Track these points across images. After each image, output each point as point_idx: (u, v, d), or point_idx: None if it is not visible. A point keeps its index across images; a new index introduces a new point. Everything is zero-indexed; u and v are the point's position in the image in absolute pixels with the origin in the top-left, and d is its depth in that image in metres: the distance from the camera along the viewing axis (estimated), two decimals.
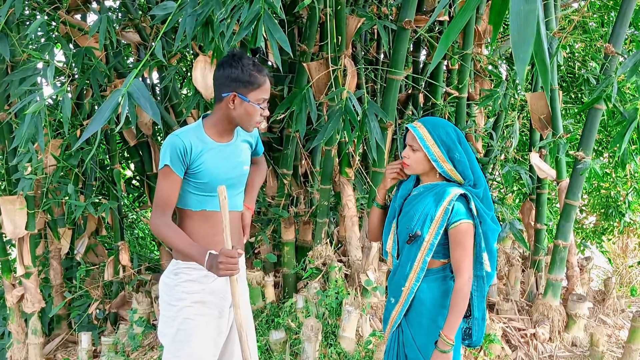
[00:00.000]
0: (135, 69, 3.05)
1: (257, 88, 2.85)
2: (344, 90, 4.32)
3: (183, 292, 2.93)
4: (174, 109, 5.83)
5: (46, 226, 5.95)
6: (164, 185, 2.83)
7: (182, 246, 2.79)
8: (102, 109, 2.94)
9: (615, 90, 4.64)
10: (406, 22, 4.75)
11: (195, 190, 2.89)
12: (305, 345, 4.54)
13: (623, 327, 5.85)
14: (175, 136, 2.84)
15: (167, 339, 2.97)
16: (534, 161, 5.63)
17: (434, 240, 2.79)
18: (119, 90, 2.94)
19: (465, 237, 2.75)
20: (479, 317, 2.93)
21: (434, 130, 2.83)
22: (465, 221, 2.75)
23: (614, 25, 5.01)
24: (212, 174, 2.87)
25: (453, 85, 6.31)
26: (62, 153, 5.42)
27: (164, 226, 2.82)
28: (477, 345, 3.05)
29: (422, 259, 2.81)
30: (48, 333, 6.09)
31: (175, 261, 2.98)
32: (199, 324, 2.92)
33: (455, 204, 2.76)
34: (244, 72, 2.82)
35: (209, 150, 2.89)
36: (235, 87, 2.84)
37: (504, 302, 5.58)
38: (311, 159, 6.04)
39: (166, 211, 2.85)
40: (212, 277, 2.96)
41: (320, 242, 5.33)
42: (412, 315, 2.91)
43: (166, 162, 2.79)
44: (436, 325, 2.85)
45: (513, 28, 1.36)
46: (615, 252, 10.45)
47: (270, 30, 3.15)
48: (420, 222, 2.81)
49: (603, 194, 8.60)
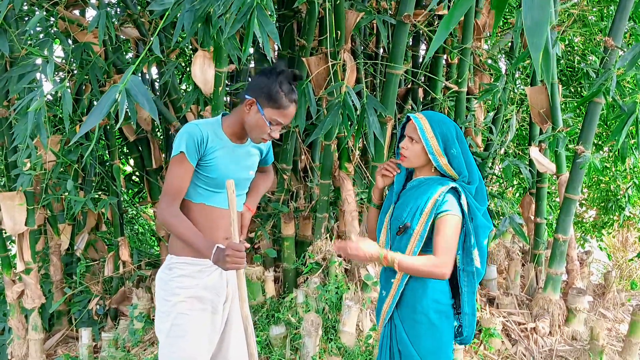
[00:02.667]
0: (133, 65, 3.04)
1: (277, 108, 2.84)
2: (343, 85, 4.32)
3: (177, 287, 2.93)
4: (173, 105, 5.82)
5: (46, 222, 5.95)
6: (177, 172, 2.84)
7: (189, 237, 2.79)
8: (99, 104, 2.94)
9: (614, 83, 4.63)
10: (405, 17, 4.74)
11: (199, 182, 2.90)
12: (305, 340, 4.54)
13: (623, 321, 5.86)
14: (194, 125, 2.86)
15: (162, 335, 2.97)
16: (533, 155, 5.62)
17: (423, 232, 2.79)
18: (116, 86, 2.93)
19: (446, 226, 2.75)
20: (469, 312, 2.94)
21: (435, 123, 2.85)
22: (452, 213, 2.75)
23: (614, 19, 5.01)
24: (221, 170, 2.88)
25: (452, 80, 6.30)
26: (62, 149, 5.41)
27: (172, 216, 2.82)
28: (469, 342, 3.06)
29: (411, 250, 2.81)
30: (48, 329, 6.10)
31: (170, 256, 2.98)
32: (193, 319, 2.93)
33: (445, 195, 2.77)
34: (274, 87, 2.83)
35: (223, 148, 2.90)
36: (258, 95, 2.85)
37: (504, 296, 5.58)
38: (311, 154, 6.04)
39: (176, 200, 2.85)
40: (206, 273, 2.96)
41: (320, 237, 5.33)
42: (404, 310, 2.91)
43: (182, 149, 2.80)
44: (430, 322, 2.86)
45: (526, 14, 1.34)
46: (615, 245, 10.46)
47: (262, 23, 3.14)
48: (411, 214, 2.82)
49: (603, 187, 8.60)
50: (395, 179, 3.06)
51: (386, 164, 3.06)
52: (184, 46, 6.31)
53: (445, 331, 2.91)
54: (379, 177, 3.09)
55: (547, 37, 1.41)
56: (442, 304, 2.89)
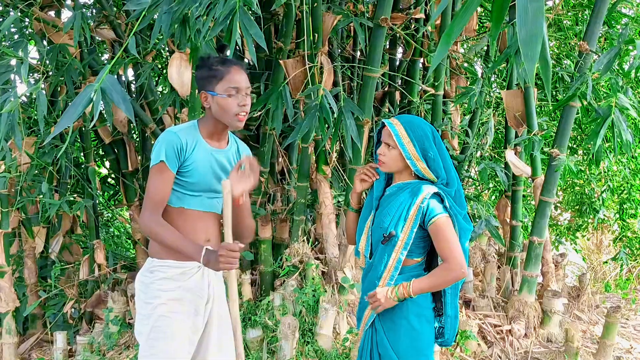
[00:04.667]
0: (108, 65, 3.03)
1: (222, 79, 2.84)
2: (320, 88, 4.32)
3: (158, 290, 2.90)
4: (150, 107, 5.80)
5: (20, 225, 5.89)
6: (158, 181, 2.82)
7: (176, 244, 2.77)
8: (74, 104, 2.91)
9: (589, 87, 4.68)
10: (382, 20, 4.76)
11: (178, 187, 2.88)
12: (282, 343, 4.53)
13: (597, 323, 5.92)
14: (172, 133, 2.84)
15: (142, 337, 2.95)
16: (509, 158, 5.66)
17: (408, 240, 2.80)
18: (91, 85, 2.91)
19: (446, 229, 2.76)
20: (452, 314, 2.95)
21: (411, 128, 2.84)
22: (441, 215, 2.76)
23: (588, 23, 5.07)
24: (200, 175, 2.87)
25: (429, 83, 6.33)
26: (36, 151, 5.37)
27: (156, 225, 2.80)
28: (450, 344, 3.07)
29: (396, 257, 2.82)
30: (23, 332, 6.04)
31: (151, 259, 2.96)
32: (174, 322, 2.90)
33: (429, 201, 2.77)
34: (207, 68, 2.86)
35: (201, 152, 2.89)
36: (203, 85, 2.88)
37: (480, 298, 5.61)
38: (288, 157, 6.04)
39: (158, 209, 2.83)
40: (188, 275, 2.94)
41: (297, 239, 5.33)
42: (386, 315, 2.90)
43: (161, 158, 2.78)
44: (410, 325, 2.86)
45: (520, 26, 1.35)
46: (589, 248, 10.56)
47: (246, 25, 3.13)
48: (394, 221, 2.82)
49: (577, 190, 8.69)
50: (375, 184, 3.06)
51: (365, 169, 3.05)
52: (161, 48, 6.28)
53: (425, 334, 2.91)
54: (357, 182, 3.09)
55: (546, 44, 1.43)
56: (423, 307, 2.89)
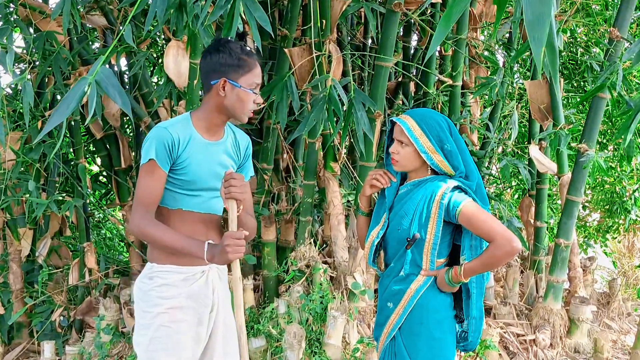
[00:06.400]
0: (102, 55, 3.03)
1: (248, 72, 2.84)
2: (328, 78, 4.32)
3: (158, 298, 2.90)
4: (144, 99, 5.80)
5: (5, 226, 5.91)
6: (148, 181, 2.81)
7: (175, 243, 2.76)
8: (66, 98, 2.91)
9: (620, 77, 4.66)
10: (396, 5, 4.75)
11: (174, 187, 2.87)
12: (287, 354, 4.54)
13: (629, 332, 5.91)
14: (162, 128, 2.82)
15: (140, 349, 2.94)
16: (533, 154, 5.65)
17: (436, 239, 2.80)
18: (85, 79, 2.91)
19: (477, 211, 2.75)
20: (477, 316, 2.94)
21: (423, 120, 2.84)
22: (468, 200, 2.76)
23: (619, 8, 5.04)
24: (195, 171, 2.86)
25: (446, 73, 6.32)
26: (22, 147, 5.38)
27: (149, 226, 2.78)
28: (473, 349, 3.05)
29: (427, 262, 2.83)
30: (8, 342, 6.06)
31: (150, 264, 2.95)
32: (175, 332, 2.89)
33: (450, 195, 2.76)
34: (233, 55, 2.82)
35: (196, 146, 2.87)
36: (225, 72, 2.83)
37: (502, 305, 5.60)
38: (293, 153, 6.04)
39: (150, 209, 2.82)
40: (190, 281, 2.93)
41: (303, 242, 5.33)
42: (407, 323, 2.90)
43: (151, 156, 2.77)
44: (429, 333, 2.86)
45: (527, 7, 1.35)
46: (620, 251, 10.51)
47: (249, 8, 3.13)
48: (415, 222, 2.82)
49: (607, 189, 8.64)
50: (387, 188, 3.05)
51: (378, 174, 3.03)
52: (156, 35, 6.29)
53: (446, 344, 2.91)
54: (367, 186, 3.08)
55: (553, 29, 1.42)
56: (443, 315, 2.90)
